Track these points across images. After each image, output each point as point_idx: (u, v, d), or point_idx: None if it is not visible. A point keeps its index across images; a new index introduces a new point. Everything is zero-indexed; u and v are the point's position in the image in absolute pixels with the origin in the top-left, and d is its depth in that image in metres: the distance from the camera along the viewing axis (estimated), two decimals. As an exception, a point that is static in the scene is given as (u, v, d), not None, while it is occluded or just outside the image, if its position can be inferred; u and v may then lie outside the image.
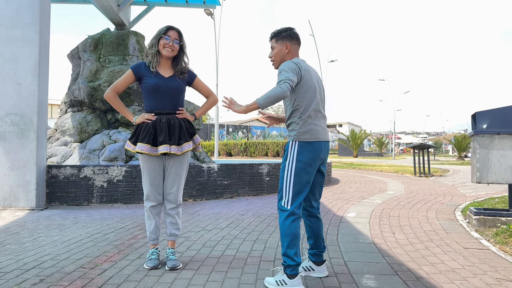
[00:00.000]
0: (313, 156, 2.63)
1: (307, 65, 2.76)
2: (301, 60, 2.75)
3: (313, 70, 2.79)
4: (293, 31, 2.84)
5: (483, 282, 2.76)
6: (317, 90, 2.72)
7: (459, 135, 38.46)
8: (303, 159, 2.60)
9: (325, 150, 2.73)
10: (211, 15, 18.65)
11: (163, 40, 2.99)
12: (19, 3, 5.79)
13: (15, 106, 5.68)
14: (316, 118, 2.69)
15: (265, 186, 7.60)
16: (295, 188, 2.59)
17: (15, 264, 3.03)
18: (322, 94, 2.81)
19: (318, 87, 2.75)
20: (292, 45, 2.81)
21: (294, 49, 2.82)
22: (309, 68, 2.74)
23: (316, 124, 2.68)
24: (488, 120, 4.60)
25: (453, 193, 8.11)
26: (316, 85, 2.72)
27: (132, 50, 8.55)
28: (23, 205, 5.59)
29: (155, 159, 3.03)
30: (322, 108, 2.77)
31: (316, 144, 2.65)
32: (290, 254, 2.53)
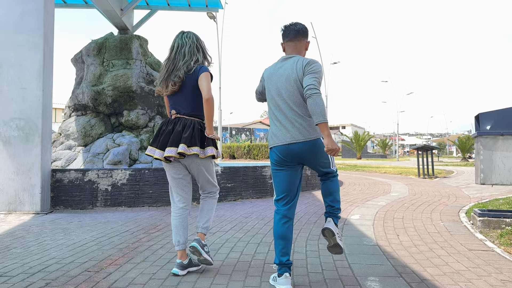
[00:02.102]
0: (274, 161, 2.76)
1: (273, 67, 2.79)
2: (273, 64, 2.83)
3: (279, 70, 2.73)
4: (284, 28, 2.84)
5: (488, 284, 2.75)
6: (272, 92, 2.74)
7: (463, 136, 38.32)
8: (271, 162, 2.81)
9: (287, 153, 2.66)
10: (213, 19, 18.72)
11: None
12: (24, 9, 5.84)
13: (20, 110, 5.73)
14: (273, 122, 2.75)
15: (268, 189, 7.60)
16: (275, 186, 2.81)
17: (20, 268, 3.05)
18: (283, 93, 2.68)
19: (276, 88, 2.71)
20: (286, 44, 2.85)
21: (289, 47, 2.83)
22: (272, 71, 2.77)
23: (272, 129, 2.76)
24: (492, 121, 4.59)
25: (457, 195, 8.08)
26: (272, 87, 2.73)
27: (136, 54, 8.60)
28: (28, 209, 5.62)
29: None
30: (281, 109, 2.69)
31: (271, 151, 2.77)
32: (275, 252, 2.69)
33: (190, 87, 2.91)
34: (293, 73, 2.67)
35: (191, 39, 2.97)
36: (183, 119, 2.92)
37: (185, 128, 2.88)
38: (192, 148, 2.84)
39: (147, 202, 6.23)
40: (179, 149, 2.82)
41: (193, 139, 2.86)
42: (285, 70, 2.72)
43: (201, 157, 2.90)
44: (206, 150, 2.93)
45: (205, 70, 2.92)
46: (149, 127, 8.44)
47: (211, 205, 3.12)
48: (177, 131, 2.86)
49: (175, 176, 3.04)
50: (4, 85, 5.75)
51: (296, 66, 2.68)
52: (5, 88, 5.75)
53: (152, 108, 8.54)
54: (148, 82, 8.67)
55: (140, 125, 8.35)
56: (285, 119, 2.68)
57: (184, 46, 2.94)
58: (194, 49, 2.96)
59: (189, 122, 2.90)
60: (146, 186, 6.24)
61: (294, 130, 2.65)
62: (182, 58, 2.91)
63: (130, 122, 8.27)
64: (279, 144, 2.69)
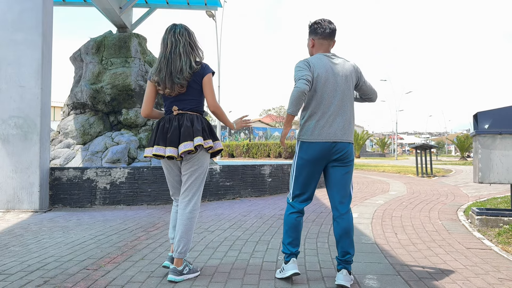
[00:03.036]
0: (308, 155, 2.69)
1: (321, 60, 2.72)
2: (316, 56, 2.75)
3: (334, 65, 2.73)
4: (318, 25, 2.80)
5: (486, 282, 2.76)
6: (324, 89, 2.67)
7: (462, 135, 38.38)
8: (300, 156, 2.74)
9: (326, 151, 2.67)
10: (212, 17, 18.71)
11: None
12: (22, 7, 5.83)
13: (18, 109, 5.72)
14: (319, 117, 2.68)
15: (267, 187, 7.61)
16: (296, 182, 2.76)
17: (19, 266, 3.05)
18: (341, 92, 2.70)
19: (331, 83, 2.68)
20: (317, 40, 2.81)
21: (319, 44, 2.81)
22: (322, 63, 2.70)
23: (316, 124, 2.68)
24: (490, 120, 4.59)
25: (456, 193, 8.10)
26: (323, 82, 2.67)
27: (134, 53, 8.58)
28: (27, 207, 5.62)
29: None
30: (332, 107, 2.68)
31: (309, 145, 2.69)
32: (284, 242, 2.75)
33: (195, 86, 2.86)
34: (352, 75, 2.76)
35: (184, 37, 2.86)
36: (187, 115, 2.84)
37: (194, 122, 2.82)
38: (207, 141, 2.81)
39: (146, 201, 6.23)
40: (196, 142, 2.73)
41: (205, 133, 2.82)
42: (343, 70, 2.74)
43: (210, 151, 2.88)
44: (215, 143, 2.90)
45: (209, 70, 2.88)
46: (147, 126, 8.43)
47: (189, 225, 2.85)
48: (187, 126, 2.78)
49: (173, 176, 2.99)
50: (3, 83, 5.74)
51: (355, 69, 2.80)
52: (3, 86, 5.74)
53: (151, 106, 8.52)
54: (147, 80, 8.64)
55: (138, 124, 8.34)
56: (335, 116, 2.69)
57: (178, 44, 2.83)
58: (189, 48, 2.86)
59: (195, 117, 2.85)
60: (145, 185, 6.24)
61: (343, 130, 2.69)
62: (178, 58, 2.81)
63: (129, 121, 8.26)
64: (322, 140, 2.67)
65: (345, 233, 2.65)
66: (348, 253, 2.64)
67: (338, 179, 2.73)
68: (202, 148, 2.80)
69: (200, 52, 2.94)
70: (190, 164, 2.85)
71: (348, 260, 2.64)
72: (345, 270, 2.61)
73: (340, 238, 2.66)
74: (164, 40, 2.88)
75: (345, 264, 2.63)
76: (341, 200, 2.72)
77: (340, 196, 2.73)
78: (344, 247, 2.64)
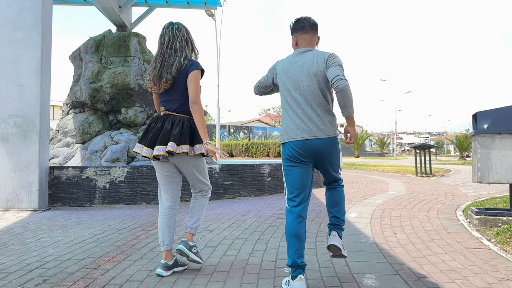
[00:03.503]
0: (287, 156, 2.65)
1: (289, 60, 2.70)
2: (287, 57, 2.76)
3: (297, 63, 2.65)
4: (297, 22, 2.78)
5: (484, 282, 2.77)
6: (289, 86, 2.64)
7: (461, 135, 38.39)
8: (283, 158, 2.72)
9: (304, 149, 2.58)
10: (212, 16, 18.69)
11: None
12: (22, 5, 5.82)
13: (18, 107, 5.72)
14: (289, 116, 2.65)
15: (266, 187, 7.61)
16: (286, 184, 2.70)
17: (18, 264, 3.05)
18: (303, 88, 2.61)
19: (294, 82, 2.62)
20: (299, 37, 2.77)
21: (302, 40, 2.76)
22: (288, 64, 2.68)
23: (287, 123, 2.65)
24: (489, 120, 4.60)
25: (455, 193, 8.11)
26: (289, 81, 2.64)
27: (134, 52, 8.58)
28: (26, 206, 5.62)
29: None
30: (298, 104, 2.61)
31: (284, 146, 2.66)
32: (288, 253, 2.57)
33: (181, 84, 2.81)
34: (314, 66, 2.59)
35: (181, 32, 2.85)
36: (172, 116, 2.83)
37: (174, 125, 2.78)
38: (181, 146, 2.75)
39: (145, 200, 6.24)
40: (168, 147, 2.72)
41: (182, 137, 2.77)
42: (304, 64, 2.63)
43: (191, 155, 2.82)
44: (195, 147, 2.84)
45: (196, 67, 2.81)
46: (147, 125, 8.43)
47: (201, 204, 3.04)
48: (166, 129, 2.77)
49: (164, 173, 2.96)
50: (2, 82, 5.73)
51: (317, 59, 2.60)
52: (2, 85, 5.73)
53: (150, 105, 8.52)
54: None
55: (138, 123, 8.34)
56: (303, 114, 2.59)
57: (175, 40, 2.82)
58: (184, 44, 2.83)
59: (178, 119, 2.81)
60: (144, 184, 6.24)
61: (313, 126, 2.57)
62: (173, 53, 2.80)
63: (128, 120, 8.26)
64: (295, 139, 2.59)
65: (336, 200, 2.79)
66: (337, 217, 2.78)
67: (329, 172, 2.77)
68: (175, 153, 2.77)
69: (196, 50, 2.93)
70: (182, 165, 2.92)
71: (337, 224, 2.78)
72: (334, 232, 2.76)
73: (330, 202, 2.80)
74: (162, 37, 2.86)
75: (334, 227, 2.78)
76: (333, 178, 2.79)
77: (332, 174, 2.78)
78: (332, 213, 2.79)
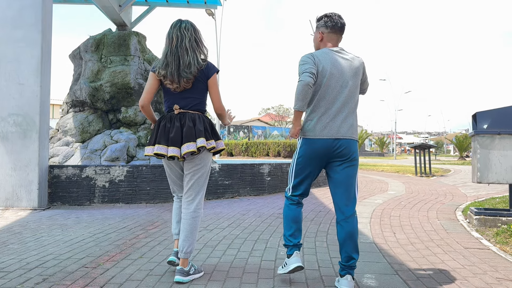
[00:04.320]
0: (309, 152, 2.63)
1: (326, 55, 2.64)
2: (322, 51, 2.68)
3: (341, 60, 2.65)
4: (329, 19, 2.74)
5: (483, 282, 2.77)
6: (329, 83, 2.60)
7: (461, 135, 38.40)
8: (301, 152, 2.69)
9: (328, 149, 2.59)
10: (212, 16, 18.69)
11: None
12: (22, 4, 5.82)
13: (18, 106, 5.71)
14: (321, 113, 2.61)
15: (266, 186, 7.61)
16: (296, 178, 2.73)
17: (18, 263, 3.05)
18: (350, 87, 2.63)
19: (336, 78, 2.61)
20: (326, 34, 2.74)
21: (328, 38, 2.74)
22: (327, 58, 2.63)
23: (318, 120, 2.60)
24: (489, 120, 4.60)
25: (454, 193, 8.11)
26: (328, 77, 2.59)
27: (134, 51, 8.57)
28: (26, 205, 5.62)
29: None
30: (336, 103, 2.61)
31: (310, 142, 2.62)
32: (286, 234, 2.74)
33: (200, 84, 2.81)
34: (360, 71, 2.71)
35: (189, 31, 2.82)
36: (189, 114, 2.79)
37: (196, 122, 2.76)
38: (210, 141, 2.76)
39: (145, 199, 6.23)
40: (199, 143, 2.70)
41: (207, 133, 2.78)
42: (352, 65, 2.67)
43: (213, 151, 2.84)
44: (218, 143, 2.85)
45: (215, 70, 2.84)
46: (147, 124, 8.43)
47: (193, 225, 2.79)
48: (189, 126, 2.73)
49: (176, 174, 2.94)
50: (2, 81, 5.73)
51: (361, 66, 2.73)
52: (2, 83, 5.73)
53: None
54: (146, 78, 8.64)
55: (138, 122, 8.34)
56: (340, 112, 2.61)
57: (184, 39, 2.79)
58: (194, 43, 2.81)
59: (197, 117, 2.79)
60: (144, 183, 6.24)
61: (345, 126, 2.61)
62: (185, 53, 2.76)
63: (128, 119, 8.25)
64: (324, 137, 2.59)
65: (350, 236, 2.55)
66: (352, 258, 2.53)
67: (343, 179, 2.62)
68: (205, 148, 2.75)
69: (205, 50, 2.89)
70: (192, 164, 2.80)
71: (352, 266, 2.54)
72: (349, 276, 2.52)
73: (345, 242, 2.55)
74: (170, 35, 2.83)
75: (349, 270, 2.53)
76: (346, 203, 2.62)
77: (345, 198, 2.62)
78: (348, 252, 2.53)
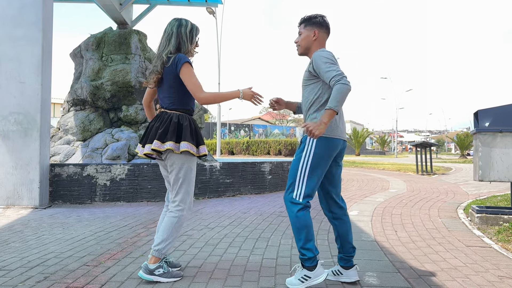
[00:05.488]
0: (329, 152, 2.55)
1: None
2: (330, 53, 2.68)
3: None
4: (324, 19, 2.72)
5: (485, 280, 2.76)
6: None
7: (462, 133, 38.38)
8: (319, 152, 2.52)
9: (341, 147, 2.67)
10: (213, 14, 18.66)
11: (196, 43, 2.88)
12: (22, 3, 5.81)
13: (19, 105, 5.71)
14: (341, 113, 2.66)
15: (267, 185, 7.61)
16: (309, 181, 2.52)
17: (19, 261, 3.05)
18: None
19: None
20: (321, 33, 2.71)
21: (322, 38, 2.72)
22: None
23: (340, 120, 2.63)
24: (491, 118, 4.59)
25: (456, 191, 8.10)
26: None
27: (135, 49, 8.57)
28: (27, 203, 5.62)
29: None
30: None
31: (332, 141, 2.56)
32: (310, 246, 2.47)
33: (167, 80, 2.72)
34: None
35: (171, 26, 2.75)
36: (164, 114, 2.74)
37: (162, 123, 2.69)
38: (166, 143, 2.63)
39: (146, 197, 6.24)
40: (153, 145, 2.64)
41: (167, 134, 2.65)
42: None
43: (176, 152, 2.65)
44: (181, 144, 2.64)
45: (183, 61, 2.66)
46: (147, 122, 8.43)
47: (169, 224, 2.68)
48: (155, 127, 2.71)
49: (163, 174, 2.90)
50: (3, 79, 5.73)
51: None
52: (3, 82, 5.73)
53: (151, 103, 8.52)
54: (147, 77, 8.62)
55: (138, 120, 8.34)
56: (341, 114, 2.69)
57: (164, 34, 2.75)
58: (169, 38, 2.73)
59: (167, 116, 2.71)
60: (145, 181, 6.24)
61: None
62: (159, 48, 2.75)
63: (129, 117, 8.25)
64: (340, 137, 2.62)
65: (350, 227, 2.73)
66: (354, 247, 2.73)
67: (339, 176, 2.76)
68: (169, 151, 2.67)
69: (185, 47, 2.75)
70: (168, 165, 2.74)
71: (354, 255, 2.71)
72: (356, 265, 2.69)
73: (348, 234, 2.70)
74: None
75: (352, 260, 2.69)
76: (341, 198, 2.79)
77: (340, 193, 2.79)
78: (351, 242, 2.70)
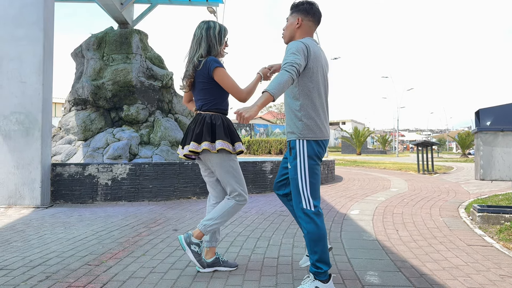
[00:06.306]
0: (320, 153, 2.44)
1: (317, 48, 2.45)
2: (311, 42, 2.43)
3: (323, 55, 2.51)
4: (311, 6, 2.49)
5: (487, 279, 2.76)
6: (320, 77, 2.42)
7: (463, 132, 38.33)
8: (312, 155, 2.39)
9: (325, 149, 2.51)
10: (213, 13, 18.65)
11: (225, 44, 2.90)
12: (23, 2, 5.82)
13: (20, 104, 5.72)
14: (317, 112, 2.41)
15: (268, 184, 7.61)
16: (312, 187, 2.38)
17: (21, 261, 3.06)
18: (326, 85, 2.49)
19: (323, 76, 2.46)
20: (305, 21, 2.48)
21: (307, 27, 2.49)
22: (319, 53, 2.44)
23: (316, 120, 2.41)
24: (492, 117, 4.58)
25: (457, 190, 8.09)
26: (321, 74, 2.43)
27: (136, 49, 8.57)
28: (28, 203, 5.63)
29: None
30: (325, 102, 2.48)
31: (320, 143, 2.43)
32: (326, 259, 2.36)
33: (199, 83, 2.78)
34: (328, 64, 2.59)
35: (200, 29, 2.81)
36: (198, 115, 2.83)
37: (197, 124, 2.78)
38: (202, 144, 2.72)
39: (147, 197, 6.24)
40: (190, 147, 2.74)
41: (202, 135, 2.72)
42: (325, 58, 2.55)
43: (213, 151, 2.73)
44: (216, 143, 2.72)
45: (215, 65, 2.70)
46: (149, 122, 8.43)
47: (222, 205, 2.83)
48: (191, 129, 2.82)
49: (203, 174, 3.03)
50: (4, 79, 5.74)
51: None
52: (5, 82, 5.73)
53: (152, 103, 8.53)
54: (148, 76, 8.65)
55: (140, 120, 8.34)
56: (326, 111, 2.48)
57: (194, 38, 2.82)
58: (199, 42, 2.79)
59: (201, 118, 2.78)
60: (146, 181, 6.25)
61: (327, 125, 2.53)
62: (190, 52, 2.80)
63: (130, 117, 8.26)
64: (326, 138, 2.47)
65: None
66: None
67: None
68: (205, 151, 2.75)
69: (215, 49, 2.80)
70: (210, 165, 2.85)
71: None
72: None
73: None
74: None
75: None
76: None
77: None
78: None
